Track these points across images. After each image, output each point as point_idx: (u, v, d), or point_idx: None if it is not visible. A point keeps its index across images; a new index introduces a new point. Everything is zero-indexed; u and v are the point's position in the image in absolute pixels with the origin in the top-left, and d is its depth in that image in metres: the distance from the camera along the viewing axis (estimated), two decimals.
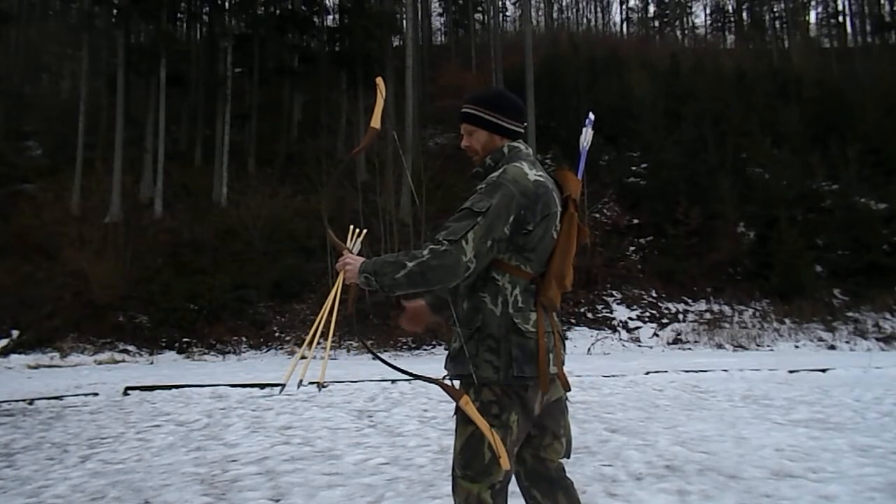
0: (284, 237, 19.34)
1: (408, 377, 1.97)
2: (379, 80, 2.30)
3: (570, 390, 2.03)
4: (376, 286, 1.84)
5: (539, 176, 1.91)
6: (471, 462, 1.86)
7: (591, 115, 2.54)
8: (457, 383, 1.92)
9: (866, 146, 21.48)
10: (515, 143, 2.02)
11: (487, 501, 1.86)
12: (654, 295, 18.90)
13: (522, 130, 2.07)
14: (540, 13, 48.92)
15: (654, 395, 7.08)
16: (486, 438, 1.81)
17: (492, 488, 1.86)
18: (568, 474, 2.04)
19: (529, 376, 1.83)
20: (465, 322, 1.91)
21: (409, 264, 1.77)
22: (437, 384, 1.90)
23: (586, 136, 2.50)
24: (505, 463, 1.75)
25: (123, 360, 15.16)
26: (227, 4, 27.86)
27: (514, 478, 2.02)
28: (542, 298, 1.89)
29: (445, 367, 1.95)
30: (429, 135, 27.21)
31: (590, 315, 17.93)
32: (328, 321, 1.98)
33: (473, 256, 1.77)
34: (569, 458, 2.04)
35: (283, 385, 2.06)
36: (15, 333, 15.77)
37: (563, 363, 1.97)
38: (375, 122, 2.20)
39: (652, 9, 52.20)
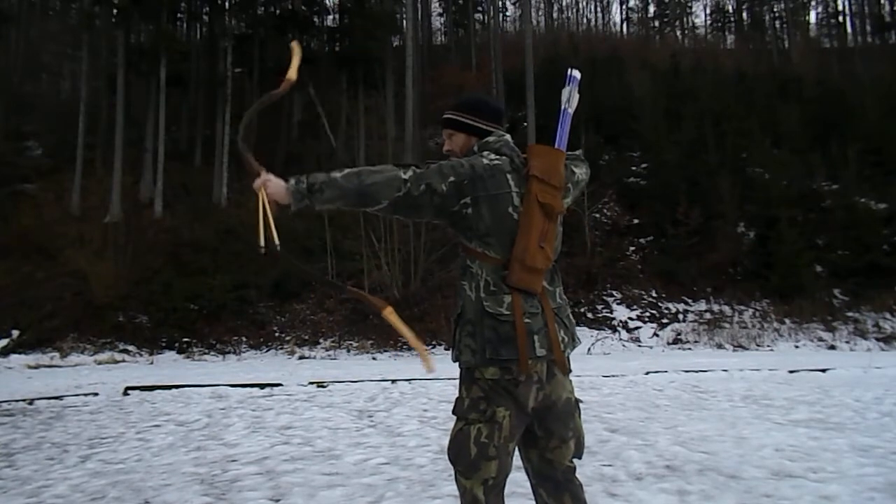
0: (284, 237, 19.32)
1: (338, 289, 2.06)
2: (294, 44, 2.26)
3: (569, 372, 1.99)
4: (305, 190, 1.87)
5: (497, 160, 1.96)
6: (458, 457, 1.89)
7: (577, 74, 2.22)
8: (455, 367, 1.99)
9: (866, 146, 21.49)
10: (486, 139, 2.05)
11: (480, 498, 1.86)
12: (654, 295, 18.90)
13: (501, 132, 2.09)
14: (540, 13, 48.85)
15: (654, 395, 7.07)
16: (472, 435, 1.84)
17: (484, 484, 1.86)
18: (577, 475, 2.03)
19: (507, 358, 1.83)
20: (454, 311, 2.00)
21: (351, 168, 1.89)
22: (360, 297, 2.06)
23: (570, 97, 2.19)
24: (428, 364, 1.94)
25: (123, 360, 15.14)
26: (227, 4, 27.80)
27: (524, 474, 2.05)
28: (508, 281, 1.89)
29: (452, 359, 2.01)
30: (429, 135, 27.18)
31: (590, 315, 17.92)
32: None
33: (410, 181, 1.86)
34: (580, 458, 2.03)
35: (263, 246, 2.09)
36: (15, 333, 15.75)
37: (563, 346, 1.93)
38: (292, 73, 2.11)
39: (652, 9, 52.16)
